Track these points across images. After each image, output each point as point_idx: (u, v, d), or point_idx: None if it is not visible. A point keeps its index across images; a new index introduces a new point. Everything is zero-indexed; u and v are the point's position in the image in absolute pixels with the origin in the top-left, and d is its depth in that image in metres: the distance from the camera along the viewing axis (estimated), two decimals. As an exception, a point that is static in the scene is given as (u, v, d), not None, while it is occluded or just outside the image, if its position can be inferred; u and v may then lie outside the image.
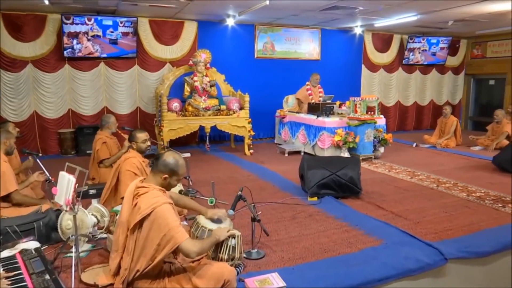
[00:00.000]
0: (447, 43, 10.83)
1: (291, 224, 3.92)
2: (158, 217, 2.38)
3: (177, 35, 8.24)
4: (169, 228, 2.36)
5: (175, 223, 2.40)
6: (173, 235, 2.34)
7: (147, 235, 2.39)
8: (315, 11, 7.60)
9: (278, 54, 9.33)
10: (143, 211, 2.40)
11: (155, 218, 2.38)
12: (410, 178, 5.80)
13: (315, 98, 8.26)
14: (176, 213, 2.59)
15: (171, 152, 2.68)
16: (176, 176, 2.60)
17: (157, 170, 2.57)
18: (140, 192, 2.51)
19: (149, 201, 2.43)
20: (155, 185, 2.57)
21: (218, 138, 8.85)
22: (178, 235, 2.35)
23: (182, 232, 2.38)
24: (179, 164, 2.59)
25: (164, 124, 6.93)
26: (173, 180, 2.60)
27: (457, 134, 8.60)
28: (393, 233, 3.66)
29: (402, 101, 11.06)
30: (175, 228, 2.36)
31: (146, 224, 2.40)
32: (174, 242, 2.34)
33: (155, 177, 2.58)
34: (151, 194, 2.49)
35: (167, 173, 2.55)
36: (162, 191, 2.59)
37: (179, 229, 2.39)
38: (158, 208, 2.40)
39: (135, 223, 2.42)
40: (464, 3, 6.68)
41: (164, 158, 2.57)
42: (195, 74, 7.44)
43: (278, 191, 5.10)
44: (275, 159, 7.26)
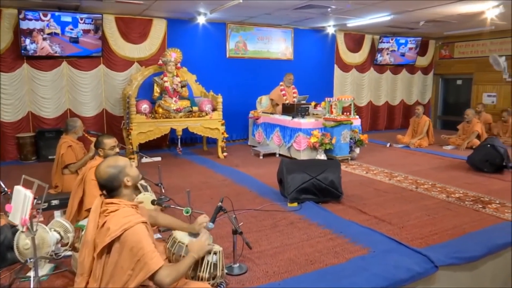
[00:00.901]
0: (415, 43, 10.92)
1: (272, 233, 3.70)
2: (130, 240, 2.08)
3: (145, 33, 7.86)
4: (143, 253, 2.07)
5: (150, 247, 2.10)
6: (146, 261, 2.04)
7: (117, 260, 2.09)
8: (288, 10, 7.43)
9: (251, 54, 9.11)
10: (113, 232, 2.10)
11: (126, 241, 2.08)
12: (388, 180, 5.72)
13: (289, 98, 8.09)
14: (151, 234, 2.31)
15: (106, 162, 2.38)
16: (127, 175, 2.31)
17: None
18: (109, 209, 2.21)
19: (120, 221, 2.14)
20: (127, 201, 2.29)
21: (190, 140, 8.54)
22: (152, 262, 2.06)
23: (157, 258, 2.10)
24: (120, 166, 2.30)
25: (133, 127, 6.56)
26: (130, 181, 2.31)
27: (430, 134, 8.67)
28: (379, 240, 3.51)
29: (374, 101, 11.10)
30: (149, 254, 2.07)
31: (116, 247, 2.10)
32: (147, 270, 2.04)
33: (125, 190, 2.30)
34: (121, 212, 2.19)
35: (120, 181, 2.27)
36: (135, 208, 2.31)
37: (154, 254, 2.09)
38: (130, 230, 2.10)
39: (103, 246, 2.12)
40: (437, 3, 6.68)
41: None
42: (165, 74, 7.10)
43: (256, 196, 4.87)
44: (250, 161, 7.03)
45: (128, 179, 2.29)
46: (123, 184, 2.28)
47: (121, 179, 2.27)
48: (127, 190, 2.31)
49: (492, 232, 3.74)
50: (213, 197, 4.81)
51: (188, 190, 3.67)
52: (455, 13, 7.51)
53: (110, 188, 2.26)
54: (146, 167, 5.96)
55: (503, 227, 3.91)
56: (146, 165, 6.14)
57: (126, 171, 2.30)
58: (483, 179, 5.77)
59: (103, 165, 2.31)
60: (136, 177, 2.36)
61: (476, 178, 5.83)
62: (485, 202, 4.69)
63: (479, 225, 3.95)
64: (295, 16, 8.03)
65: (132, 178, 2.32)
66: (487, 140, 6.33)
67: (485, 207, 4.50)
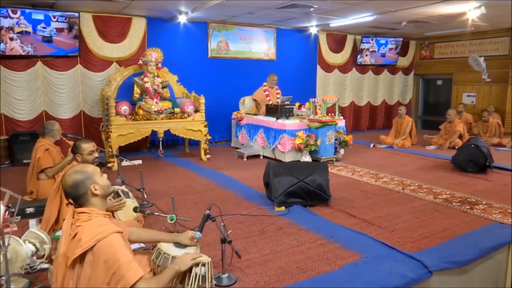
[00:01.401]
0: (395, 43, 10.96)
1: (261, 240, 3.56)
2: (105, 252, 1.93)
3: (124, 32, 7.61)
4: (119, 265, 1.92)
5: (126, 257, 1.95)
6: (123, 274, 1.89)
7: (91, 274, 1.93)
8: (271, 9, 7.32)
9: (233, 54, 8.96)
10: (84, 243, 1.94)
11: (100, 253, 1.93)
12: (374, 181, 5.66)
13: (273, 99, 7.99)
14: (128, 245, 2.15)
15: (73, 168, 2.21)
16: (95, 183, 2.15)
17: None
18: (81, 219, 2.05)
19: (92, 231, 1.98)
20: (100, 210, 2.12)
21: (171, 142, 8.32)
22: (130, 274, 1.91)
23: (135, 269, 1.95)
24: (88, 172, 2.16)
25: (112, 130, 6.32)
26: (98, 189, 2.15)
27: (412, 134, 8.70)
28: (371, 245, 3.42)
29: (356, 101, 11.10)
30: (126, 265, 1.92)
31: (89, 260, 1.95)
32: (125, 283, 1.89)
33: (92, 199, 2.14)
34: (94, 222, 2.04)
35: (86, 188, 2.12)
36: (108, 217, 2.15)
37: (131, 265, 1.95)
38: (103, 241, 1.95)
39: (75, 258, 1.95)
40: (421, 4, 6.68)
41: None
42: (145, 74, 6.88)
43: (242, 201, 4.73)
44: (234, 164, 6.88)
45: (96, 187, 2.13)
46: (90, 192, 2.12)
47: (87, 186, 2.11)
48: (96, 199, 2.15)
49: (482, 234, 3.71)
50: (198, 202, 4.65)
51: (172, 196, 3.50)
52: (437, 14, 7.54)
53: (75, 196, 2.11)
54: (127, 171, 5.74)
55: (491, 228, 3.88)
56: (126, 169, 5.92)
57: (94, 179, 2.15)
58: (467, 179, 5.78)
59: (69, 171, 2.17)
60: (106, 187, 2.20)
61: (461, 179, 5.83)
62: (472, 203, 4.67)
63: (468, 226, 3.91)
64: (278, 15, 7.92)
65: (101, 187, 2.16)
66: (471, 140, 6.36)
67: (473, 208, 4.48)
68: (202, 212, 4.29)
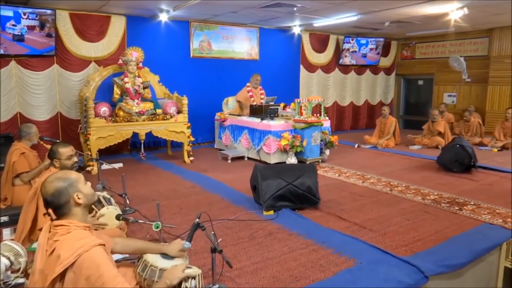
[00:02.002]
0: (375, 43, 10.96)
1: (251, 246, 3.43)
2: (87, 267, 1.78)
3: (103, 31, 7.34)
4: (103, 281, 1.77)
5: (111, 272, 1.81)
6: None
7: None
8: (255, 8, 7.19)
9: (216, 53, 8.79)
10: (64, 260, 1.78)
11: (81, 269, 1.78)
12: (362, 183, 5.60)
13: (257, 100, 7.86)
14: (111, 258, 1.99)
15: (55, 175, 2.04)
16: (78, 191, 1.98)
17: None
18: (58, 233, 1.88)
19: (72, 245, 1.82)
20: (78, 222, 1.95)
21: (153, 144, 8.09)
22: None
23: (122, 284, 1.81)
24: (71, 179, 2.00)
25: (91, 132, 6.07)
26: (82, 198, 1.98)
27: (396, 134, 8.71)
28: (364, 250, 3.33)
29: (339, 102, 11.08)
30: (111, 280, 1.78)
31: (70, 277, 1.79)
32: None
33: (75, 208, 1.97)
34: (73, 235, 1.87)
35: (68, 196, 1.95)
36: (88, 229, 1.98)
37: (117, 280, 1.80)
38: (85, 255, 1.80)
39: (54, 277, 1.79)
40: (405, 4, 6.66)
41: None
42: (125, 74, 6.65)
43: (229, 205, 4.58)
44: (218, 166, 6.72)
45: (79, 196, 1.97)
46: (72, 201, 1.96)
47: (70, 194, 1.95)
48: (78, 209, 1.98)
49: (473, 236, 3.67)
50: (183, 207, 4.48)
51: (157, 202, 3.32)
52: (420, 14, 7.56)
53: (56, 205, 1.94)
54: (107, 175, 5.52)
55: (482, 229, 3.85)
56: (106, 173, 5.69)
57: (78, 187, 1.99)
58: (454, 179, 5.79)
59: (50, 177, 1.99)
60: (90, 196, 2.04)
61: (447, 179, 5.83)
62: (461, 203, 4.66)
63: (459, 228, 3.88)
64: (262, 14, 7.80)
65: (85, 196, 2.00)
66: (455, 140, 6.38)
67: (462, 209, 4.46)
68: (187, 217, 4.17)
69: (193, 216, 4.15)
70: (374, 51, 11.10)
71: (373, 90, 11.79)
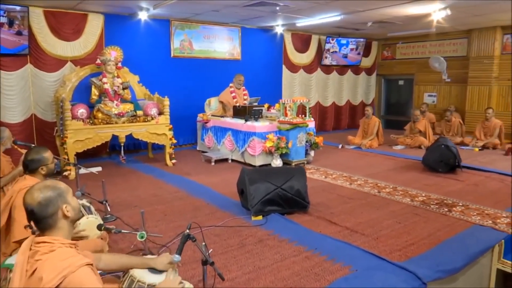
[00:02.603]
0: (355, 44, 10.95)
1: (241, 255, 3.27)
2: None
3: (79, 29, 7.04)
4: None
5: None
6: None
7: None
8: (238, 7, 7.03)
9: (197, 53, 8.58)
10: (48, 283, 1.58)
11: None
12: (349, 184, 5.52)
13: (240, 100, 7.71)
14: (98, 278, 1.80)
15: (43, 183, 1.85)
16: (67, 203, 1.80)
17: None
18: (40, 251, 1.68)
19: (56, 266, 1.62)
20: (63, 239, 1.76)
21: (133, 146, 7.83)
22: None
23: None
24: (61, 189, 1.81)
25: (68, 135, 5.79)
26: (70, 211, 1.80)
27: (379, 134, 8.71)
28: (358, 256, 3.23)
29: (321, 102, 11.04)
30: None
31: None
32: None
33: (61, 222, 1.78)
34: (58, 254, 1.67)
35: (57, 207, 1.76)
36: (74, 247, 1.79)
37: None
38: (71, 277, 1.61)
39: None
40: (389, 4, 6.63)
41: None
42: (104, 74, 6.39)
43: (215, 210, 4.41)
44: (202, 169, 6.54)
45: (68, 209, 1.78)
46: (60, 213, 1.76)
47: (59, 206, 1.76)
48: (65, 223, 1.79)
49: (466, 239, 3.63)
50: (167, 213, 4.29)
51: (142, 211, 3.13)
52: (403, 15, 7.56)
53: (42, 216, 1.72)
54: (85, 179, 5.26)
55: (473, 231, 3.82)
56: (85, 177, 5.39)
57: (67, 198, 1.81)
58: (440, 180, 5.78)
59: (38, 186, 1.79)
60: (77, 209, 1.86)
61: (433, 179, 5.82)
62: (449, 204, 4.63)
63: (451, 230, 3.83)
64: (245, 13, 7.65)
65: (73, 209, 1.81)
66: (440, 141, 6.38)
67: (451, 210, 4.42)
68: (173, 224, 3.98)
69: (178, 223, 4.00)
70: (354, 51, 11.09)
71: (354, 90, 11.81)
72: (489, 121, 8.33)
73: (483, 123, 8.46)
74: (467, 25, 9.00)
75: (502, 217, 4.20)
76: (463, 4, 6.65)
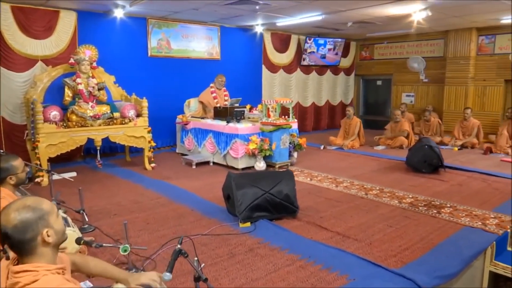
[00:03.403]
0: (333, 44, 10.91)
1: (231, 266, 3.09)
2: None
3: (50, 26, 6.67)
4: None
5: None
6: None
7: None
8: (218, 5, 6.83)
9: (175, 53, 8.32)
10: None
11: None
12: (335, 187, 5.42)
13: (221, 101, 7.51)
14: None
15: (21, 201, 1.58)
16: (49, 226, 1.54)
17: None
18: (21, 281, 1.44)
19: None
20: (48, 264, 1.53)
21: (109, 150, 7.49)
22: None
23: None
24: (43, 210, 1.54)
25: (40, 139, 5.46)
26: (52, 236, 1.54)
27: (360, 135, 8.69)
28: (354, 264, 3.10)
29: (301, 102, 10.96)
30: None
31: None
32: None
33: (41, 248, 1.53)
34: (43, 284, 1.44)
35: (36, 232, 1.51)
36: (62, 273, 1.56)
37: None
38: None
39: None
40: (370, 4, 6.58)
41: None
42: (78, 75, 6.06)
43: (200, 217, 4.21)
44: (183, 172, 6.31)
45: (49, 233, 1.52)
46: (40, 238, 1.50)
47: (39, 230, 1.50)
48: (45, 250, 1.52)
49: (458, 242, 3.58)
50: (149, 222, 4.06)
51: (125, 222, 2.90)
52: (384, 15, 7.54)
53: (18, 241, 1.47)
54: (59, 186, 4.96)
55: (465, 234, 3.77)
56: (58, 184, 5.06)
57: (49, 220, 1.54)
58: (424, 181, 5.76)
59: (16, 205, 1.51)
60: (60, 234, 1.59)
61: (418, 180, 5.80)
62: (437, 206, 4.59)
63: (443, 233, 3.77)
64: (224, 12, 7.45)
65: (55, 233, 1.55)
66: (423, 141, 6.37)
67: (440, 212, 4.38)
68: (156, 233, 3.76)
69: (162, 232, 3.78)
70: (332, 51, 11.04)
71: (333, 90, 11.79)
72: (467, 121, 8.43)
73: (462, 123, 8.56)
74: (444, 26, 9.09)
75: (491, 218, 4.19)
76: (443, 5, 6.66)
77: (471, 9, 7.13)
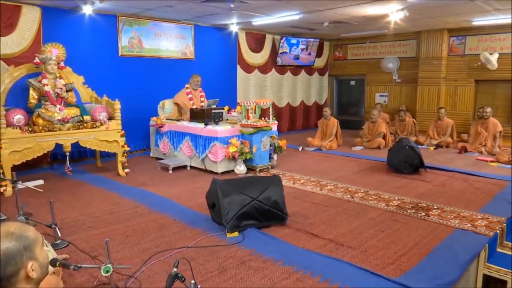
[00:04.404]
0: (305, 44, 10.82)
1: (223, 282, 2.87)
2: None
3: (12, 23, 6.18)
4: None
5: None
6: None
7: None
8: (193, 3, 6.56)
9: (147, 52, 7.97)
10: None
11: None
12: (320, 190, 5.28)
13: (197, 103, 7.23)
14: None
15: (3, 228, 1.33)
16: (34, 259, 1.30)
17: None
18: None
19: None
20: None
21: (78, 155, 7.06)
22: None
23: None
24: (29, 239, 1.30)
25: (3, 145, 5.01)
26: (36, 270, 1.30)
27: (338, 135, 8.62)
28: (352, 274, 2.95)
29: (276, 103, 10.80)
30: None
31: None
32: None
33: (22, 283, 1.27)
34: None
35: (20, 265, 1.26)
36: None
37: None
38: None
39: None
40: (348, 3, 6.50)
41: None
42: (43, 75, 5.64)
43: (183, 227, 3.94)
44: (159, 178, 6.00)
45: (34, 267, 1.28)
46: (23, 273, 1.26)
47: (23, 263, 1.26)
48: (28, 286, 1.28)
49: (453, 246, 3.51)
50: (129, 234, 3.75)
51: (106, 240, 2.62)
52: (361, 15, 7.49)
53: None
54: (25, 196, 4.58)
55: (458, 237, 3.72)
56: (24, 193, 4.64)
57: (35, 252, 1.30)
58: (407, 181, 5.73)
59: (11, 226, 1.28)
60: (44, 267, 1.35)
61: (400, 181, 5.76)
62: (425, 208, 4.53)
63: (436, 237, 3.70)
64: (200, 10, 7.17)
65: (40, 267, 1.31)
66: (404, 142, 6.35)
67: (428, 214, 4.32)
68: (137, 247, 3.46)
69: (144, 245, 3.50)
70: (305, 51, 10.94)
71: (308, 90, 11.72)
72: (441, 121, 8.54)
73: (436, 122, 8.67)
74: (417, 26, 9.17)
75: (479, 219, 4.16)
76: (419, 6, 6.67)
77: (446, 10, 7.19)
